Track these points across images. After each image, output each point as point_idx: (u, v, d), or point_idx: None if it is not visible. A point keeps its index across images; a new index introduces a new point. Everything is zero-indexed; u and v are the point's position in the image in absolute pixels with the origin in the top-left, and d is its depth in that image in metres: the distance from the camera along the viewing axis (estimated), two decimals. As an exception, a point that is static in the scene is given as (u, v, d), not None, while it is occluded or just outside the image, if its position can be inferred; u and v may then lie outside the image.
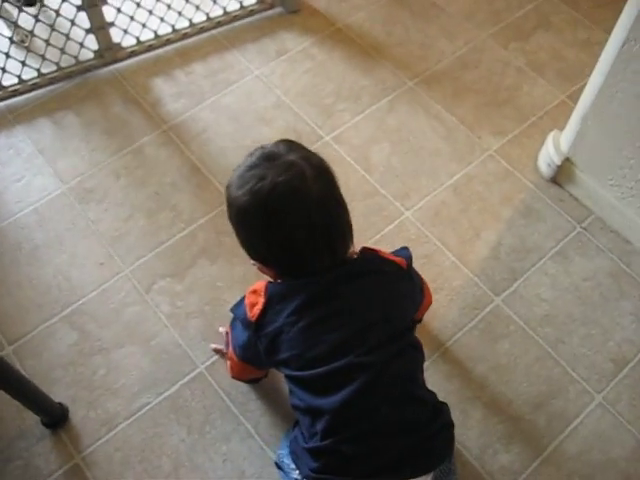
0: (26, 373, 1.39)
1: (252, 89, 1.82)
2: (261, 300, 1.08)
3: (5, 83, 1.77)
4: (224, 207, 1.41)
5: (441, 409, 1.14)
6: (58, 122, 1.76)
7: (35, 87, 1.80)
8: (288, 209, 1.02)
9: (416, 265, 1.51)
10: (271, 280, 1.13)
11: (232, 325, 1.22)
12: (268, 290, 1.09)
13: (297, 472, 1.12)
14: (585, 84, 1.50)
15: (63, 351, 1.43)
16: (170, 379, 1.39)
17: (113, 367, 1.41)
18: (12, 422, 1.35)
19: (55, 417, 1.34)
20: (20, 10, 1.64)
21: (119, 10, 1.74)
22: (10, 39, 1.72)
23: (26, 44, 1.75)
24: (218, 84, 1.83)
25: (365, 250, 1.13)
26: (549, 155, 1.63)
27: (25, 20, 1.71)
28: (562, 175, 1.63)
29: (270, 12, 1.96)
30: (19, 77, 1.76)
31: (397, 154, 1.70)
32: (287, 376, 1.12)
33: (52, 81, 1.81)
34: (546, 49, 1.91)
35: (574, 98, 1.79)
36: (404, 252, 1.21)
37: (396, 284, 1.13)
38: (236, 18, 1.91)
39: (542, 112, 1.78)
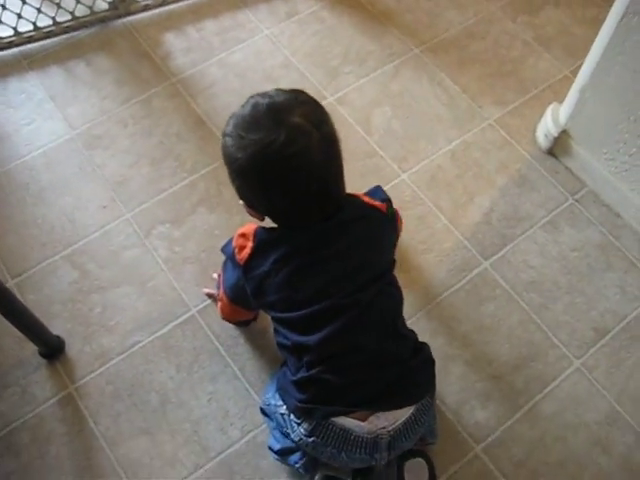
0: (27, 306, 1.46)
1: (261, 48, 1.85)
2: (249, 244, 1.12)
3: (21, 29, 1.81)
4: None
5: (422, 347, 1.20)
6: (70, 70, 1.81)
7: (50, 35, 1.84)
8: (287, 178, 1.02)
9: (409, 226, 1.56)
10: (259, 225, 1.16)
11: (224, 267, 1.25)
12: (257, 236, 1.13)
13: (284, 407, 1.17)
14: (589, 59, 1.53)
15: (63, 288, 1.49)
16: (163, 320, 1.45)
17: (109, 305, 1.47)
18: (11, 351, 1.41)
19: (52, 348, 1.40)
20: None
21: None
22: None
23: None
24: (228, 41, 1.87)
25: (349, 196, 1.15)
26: (547, 127, 1.66)
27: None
28: (558, 147, 1.66)
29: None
30: (34, 24, 1.81)
31: (398, 118, 1.73)
32: (273, 318, 1.17)
33: (66, 30, 1.85)
34: (554, 24, 1.93)
35: (577, 73, 1.81)
36: (379, 194, 1.24)
37: (378, 229, 1.16)
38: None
39: (545, 85, 1.81)
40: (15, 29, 1.80)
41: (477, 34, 1.89)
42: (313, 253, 1.09)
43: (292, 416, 1.15)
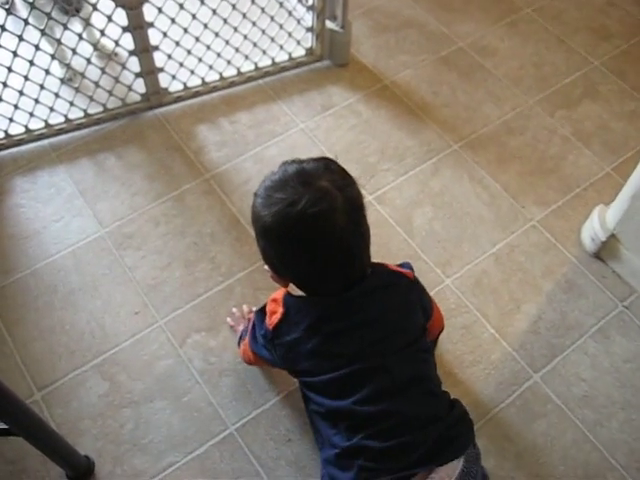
0: (53, 422, 1.37)
1: (296, 142, 1.81)
2: (280, 310, 1.12)
3: (51, 121, 1.77)
4: (263, 262, 1.39)
5: (455, 403, 1.18)
6: (100, 164, 1.76)
7: (80, 127, 1.80)
8: (310, 240, 1.03)
9: (454, 336, 1.50)
10: (287, 291, 1.16)
11: (254, 324, 1.23)
12: (285, 301, 1.13)
13: None
14: (630, 157, 1.48)
15: (93, 401, 1.40)
16: (199, 439, 1.36)
17: (142, 422, 1.38)
18: (36, 474, 1.32)
19: (80, 471, 1.31)
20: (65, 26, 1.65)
21: (169, 57, 1.74)
22: (61, 80, 1.72)
23: (76, 85, 1.75)
24: (262, 135, 1.83)
25: (374, 265, 1.15)
26: (594, 230, 1.61)
27: (77, 62, 1.72)
28: (606, 251, 1.61)
29: (318, 64, 1.96)
30: (66, 116, 1.77)
31: (439, 219, 1.68)
32: (303, 383, 1.16)
33: (97, 122, 1.81)
34: (592, 119, 1.90)
35: (619, 171, 1.77)
36: (407, 265, 1.27)
37: (407, 295, 1.17)
38: (284, 69, 1.91)
39: (587, 184, 1.76)
40: (46, 122, 1.76)
41: (515, 129, 1.86)
42: (343, 320, 1.09)
43: None
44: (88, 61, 1.68)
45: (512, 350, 1.49)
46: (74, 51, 1.64)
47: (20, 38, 1.57)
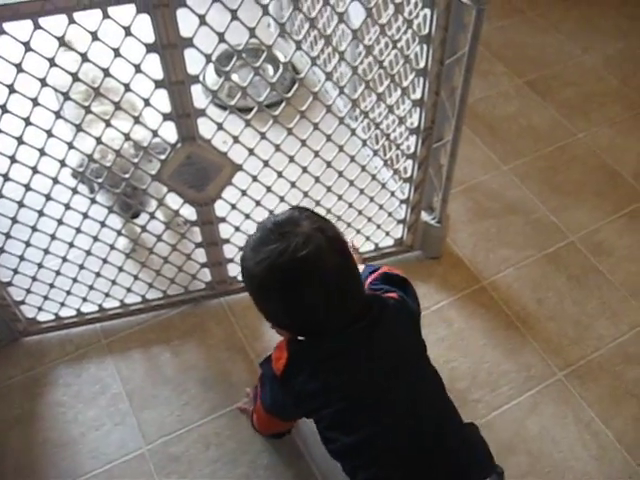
0: None
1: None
2: (284, 355, 1.14)
3: (106, 305, 1.61)
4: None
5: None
6: (153, 359, 1.57)
7: (136, 312, 1.63)
8: (306, 283, 1.05)
9: None
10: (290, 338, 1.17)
11: (261, 380, 1.25)
12: (290, 346, 1.15)
13: None
14: None
15: None
16: None
17: None
18: None
19: None
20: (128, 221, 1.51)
21: (241, 249, 1.55)
22: (126, 254, 1.57)
23: (142, 259, 1.56)
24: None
25: (369, 293, 1.20)
26: None
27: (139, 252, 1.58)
28: None
29: (407, 255, 1.73)
30: (121, 301, 1.61)
31: (536, 474, 1.38)
32: (317, 423, 1.16)
33: (155, 308, 1.63)
34: None
35: None
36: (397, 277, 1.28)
37: (401, 322, 1.19)
38: (367, 260, 1.69)
39: None
40: (100, 306, 1.60)
41: (633, 357, 1.56)
42: (345, 358, 1.11)
43: None
44: (150, 251, 1.52)
45: None
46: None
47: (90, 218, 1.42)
